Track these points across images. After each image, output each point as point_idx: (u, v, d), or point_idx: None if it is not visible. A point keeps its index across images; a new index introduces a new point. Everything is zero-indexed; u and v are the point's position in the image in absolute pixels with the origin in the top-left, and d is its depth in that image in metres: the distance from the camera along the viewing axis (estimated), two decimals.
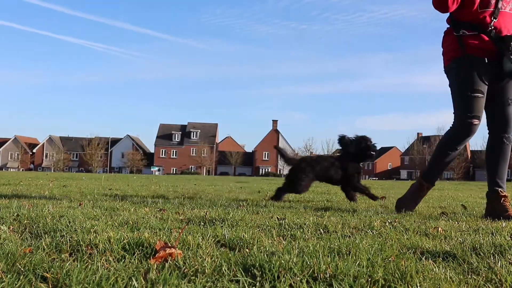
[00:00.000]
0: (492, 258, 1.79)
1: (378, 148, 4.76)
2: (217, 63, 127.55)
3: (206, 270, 1.47)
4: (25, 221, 2.53)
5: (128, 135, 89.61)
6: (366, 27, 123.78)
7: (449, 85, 3.51)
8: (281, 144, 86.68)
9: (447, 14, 3.50)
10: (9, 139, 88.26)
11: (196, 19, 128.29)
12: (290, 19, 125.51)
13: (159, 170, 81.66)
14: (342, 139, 4.67)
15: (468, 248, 1.97)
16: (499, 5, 3.32)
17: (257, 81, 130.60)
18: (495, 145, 3.44)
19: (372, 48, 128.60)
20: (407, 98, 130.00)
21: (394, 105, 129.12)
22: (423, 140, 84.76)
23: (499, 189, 3.39)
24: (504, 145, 3.41)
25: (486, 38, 3.32)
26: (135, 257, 1.69)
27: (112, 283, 1.32)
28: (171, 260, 1.60)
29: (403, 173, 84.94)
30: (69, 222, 2.47)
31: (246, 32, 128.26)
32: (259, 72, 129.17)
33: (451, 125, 3.51)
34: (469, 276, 1.53)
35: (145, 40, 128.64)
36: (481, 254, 1.87)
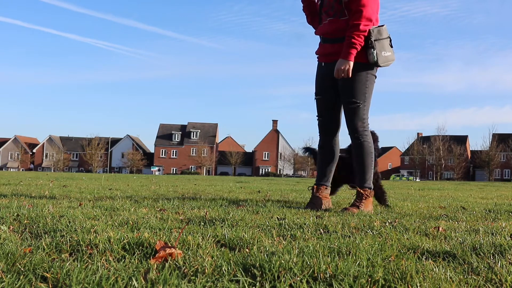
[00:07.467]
0: (492, 258, 1.79)
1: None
2: (220, 62, 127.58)
3: (206, 270, 1.47)
4: (25, 221, 2.53)
5: (128, 135, 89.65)
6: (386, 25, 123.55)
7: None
8: (281, 144, 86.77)
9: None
10: (9, 139, 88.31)
11: (211, 16, 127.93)
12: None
13: (159, 170, 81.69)
14: None
15: (468, 248, 1.97)
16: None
17: (258, 81, 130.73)
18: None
19: None
20: (408, 98, 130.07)
21: (395, 105, 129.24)
22: (423, 140, 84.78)
23: None
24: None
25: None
26: (135, 257, 1.69)
27: (112, 283, 1.31)
28: (171, 260, 1.60)
29: (403, 173, 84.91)
30: (69, 222, 2.47)
31: (262, 30, 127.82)
32: (260, 72, 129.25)
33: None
34: (469, 276, 1.53)
35: (151, 39, 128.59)
36: (481, 254, 1.87)
